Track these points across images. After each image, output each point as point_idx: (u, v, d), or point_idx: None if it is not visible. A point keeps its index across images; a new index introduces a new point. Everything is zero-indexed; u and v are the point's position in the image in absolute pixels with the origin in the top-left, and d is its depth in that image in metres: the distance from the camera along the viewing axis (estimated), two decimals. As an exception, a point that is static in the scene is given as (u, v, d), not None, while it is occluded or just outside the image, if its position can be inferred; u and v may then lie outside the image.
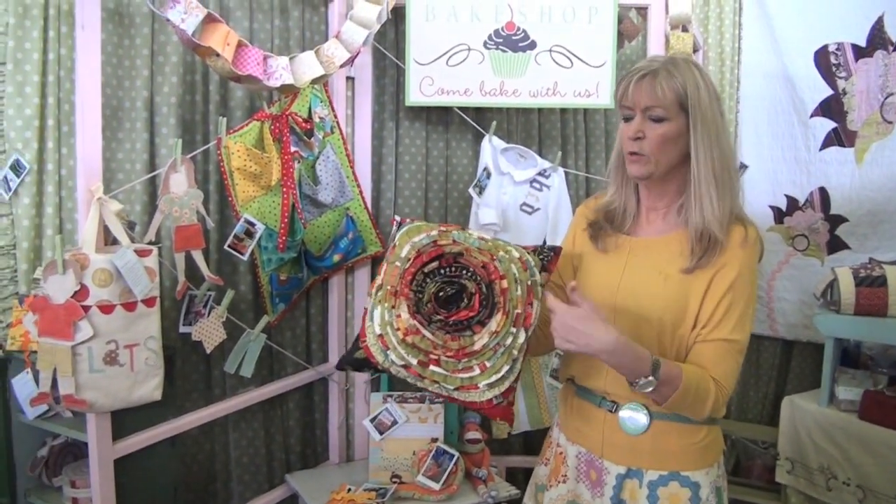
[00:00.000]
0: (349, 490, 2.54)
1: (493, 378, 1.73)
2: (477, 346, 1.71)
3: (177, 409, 2.49)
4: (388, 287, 1.74)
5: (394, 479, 2.60)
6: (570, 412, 1.93)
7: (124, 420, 2.22)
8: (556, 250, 1.85)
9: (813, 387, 3.07)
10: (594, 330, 1.58)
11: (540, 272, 1.81)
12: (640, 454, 1.79)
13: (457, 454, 2.57)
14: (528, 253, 1.81)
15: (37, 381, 2.13)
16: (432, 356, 1.72)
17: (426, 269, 1.73)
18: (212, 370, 2.68)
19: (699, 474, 1.77)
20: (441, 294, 1.73)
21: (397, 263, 1.75)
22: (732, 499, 3.20)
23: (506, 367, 1.74)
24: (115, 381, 2.09)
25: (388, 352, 1.73)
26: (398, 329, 1.72)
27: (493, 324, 1.72)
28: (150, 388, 2.18)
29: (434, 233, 1.76)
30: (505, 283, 1.73)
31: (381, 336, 1.74)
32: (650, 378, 1.60)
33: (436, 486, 2.51)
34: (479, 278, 1.73)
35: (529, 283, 1.77)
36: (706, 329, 1.71)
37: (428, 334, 1.71)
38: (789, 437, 2.91)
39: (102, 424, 2.14)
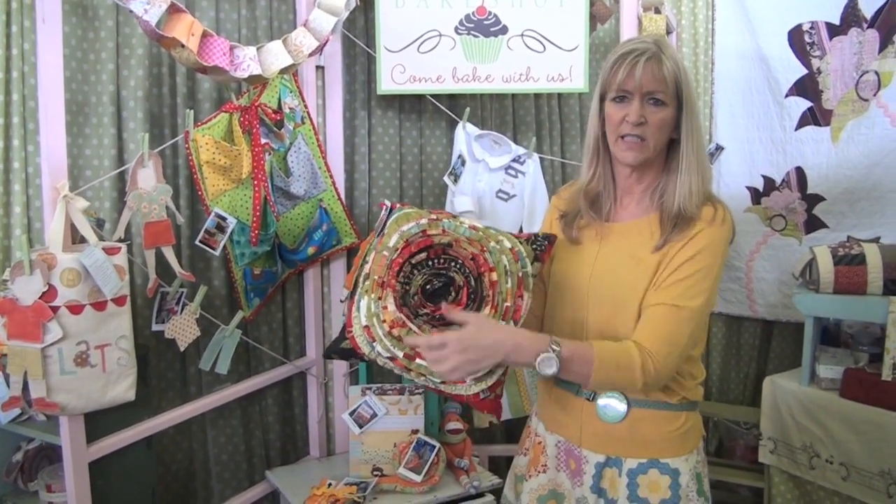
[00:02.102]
0: (330, 485, 2.51)
1: (480, 372, 1.67)
2: None
3: (152, 409, 2.46)
4: (376, 277, 1.71)
5: (375, 473, 2.57)
6: (548, 401, 1.92)
7: (98, 422, 2.18)
8: (550, 239, 1.83)
9: (794, 366, 3.07)
10: (485, 357, 1.58)
11: (532, 262, 1.78)
12: (618, 442, 1.78)
13: (438, 445, 2.54)
14: (521, 242, 1.78)
15: (8, 384, 2.09)
16: (418, 349, 1.68)
17: (414, 261, 1.70)
18: (187, 368, 2.64)
19: (679, 461, 1.77)
20: (428, 287, 1.71)
21: (385, 253, 1.72)
22: (716, 480, 3.23)
23: None
24: (87, 382, 2.05)
25: (375, 343, 1.70)
26: (384, 321, 1.69)
27: None
28: (123, 388, 2.14)
29: (424, 221, 1.73)
30: (494, 276, 1.70)
31: (367, 327, 1.71)
32: (549, 354, 1.57)
33: (417, 478, 2.49)
34: (467, 271, 1.71)
35: (520, 274, 1.74)
36: (652, 292, 1.69)
37: (414, 327, 1.68)
38: (771, 417, 2.91)
39: (76, 427, 2.10)
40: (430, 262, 1.71)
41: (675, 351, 1.67)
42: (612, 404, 1.77)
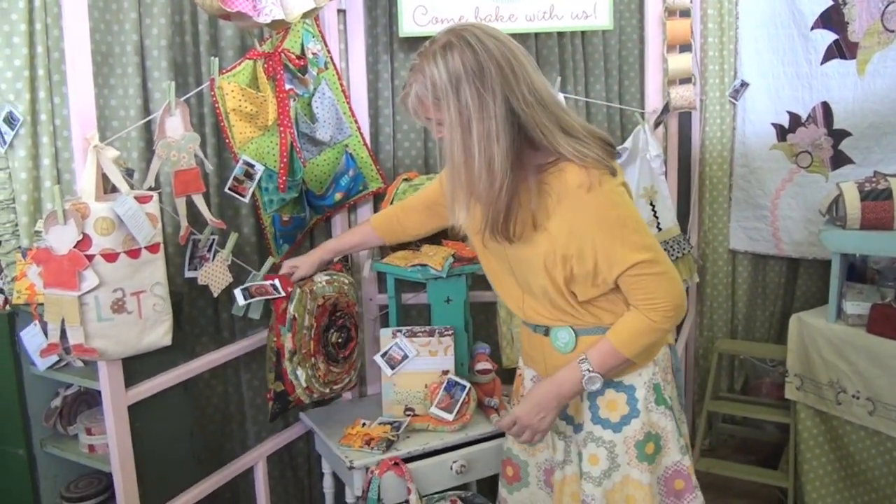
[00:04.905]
0: (364, 424, 2.56)
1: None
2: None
3: (187, 354, 2.50)
4: (304, 351, 2.42)
5: (407, 412, 2.62)
6: (524, 338, 2.05)
7: (136, 366, 2.22)
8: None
9: (820, 304, 3.08)
10: (541, 409, 1.82)
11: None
12: None
13: (468, 385, 2.58)
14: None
15: (45, 332, 2.13)
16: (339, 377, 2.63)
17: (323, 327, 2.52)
18: (220, 313, 2.68)
19: (632, 377, 1.86)
20: (340, 340, 2.61)
21: (304, 332, 2.42)
22: (742, 417, 3.26)
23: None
24: (124, 328, 2.09)
25: (313, 394, 2.50)
26: (320, 377, 2.51)
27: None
28: (159, 333, 2.18)
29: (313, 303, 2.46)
30: (355, 309, 2.68)
31: (307, 388, 2.45)
32: (592, 374, 1.76)
33: (449, 417, 2.53)
34: (348, 315, 2.62)
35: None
36: (612, 273, 1.73)
37: (336, 369, 2.60)
38: (798, 355, 2.92)
39: (114, 372, 2.14)
40: (331, 320, 2.55)
41: (667, 289, 1.74)
42: (561, 335, 1.86)
